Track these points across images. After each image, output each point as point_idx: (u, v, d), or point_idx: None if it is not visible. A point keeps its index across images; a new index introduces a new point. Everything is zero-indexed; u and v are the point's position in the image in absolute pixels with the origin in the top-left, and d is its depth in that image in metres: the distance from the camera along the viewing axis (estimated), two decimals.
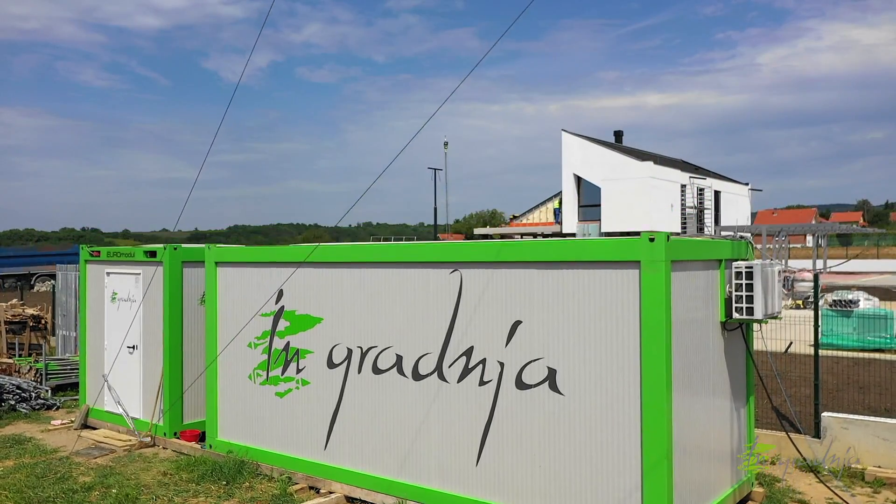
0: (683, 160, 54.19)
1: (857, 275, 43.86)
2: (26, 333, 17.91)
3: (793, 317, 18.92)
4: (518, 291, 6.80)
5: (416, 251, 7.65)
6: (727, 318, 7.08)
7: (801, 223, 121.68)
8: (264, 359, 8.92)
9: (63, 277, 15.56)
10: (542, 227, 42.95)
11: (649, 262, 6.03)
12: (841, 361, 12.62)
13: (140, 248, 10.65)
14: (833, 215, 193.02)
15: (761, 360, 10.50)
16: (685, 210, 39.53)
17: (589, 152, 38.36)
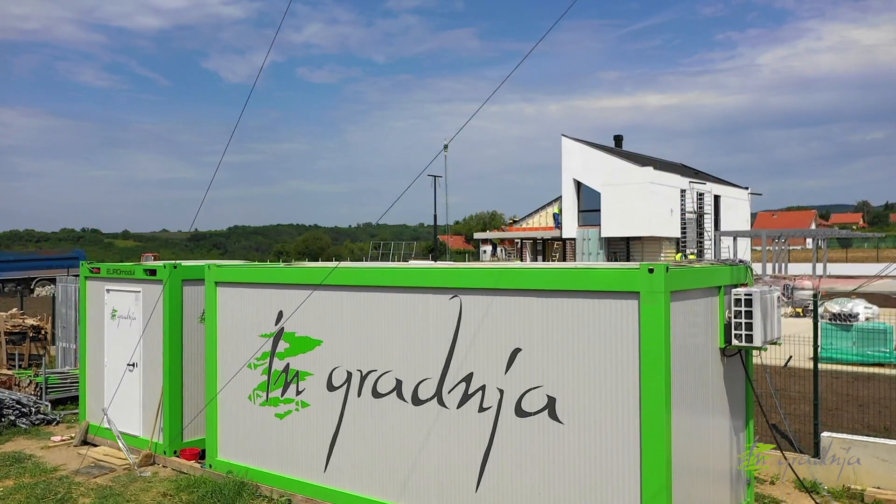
0: (683, 164, 54.21)
1: (857, 279, 43.90)
2: (26, 344, 17.93)
3: (792, 326, 18.97)
4: (518, 319, 6.81)
5: (415, 276, 7.66)
6: (726, 345, 7.09)
7: (801, 227, 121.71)
8: (264, 380, 8.93)
9: (63, 289, 15.57)
10: (541, 231, 42.96)
11: (648, 293, 6.04)
12: (840, 377, 12.63)
13: (140, 266, 10.66)
14: (833, 216, 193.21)
15: (760, 374, 10.52)
16: (685, 215, 39.53)
17: (589, 157, 38.37)
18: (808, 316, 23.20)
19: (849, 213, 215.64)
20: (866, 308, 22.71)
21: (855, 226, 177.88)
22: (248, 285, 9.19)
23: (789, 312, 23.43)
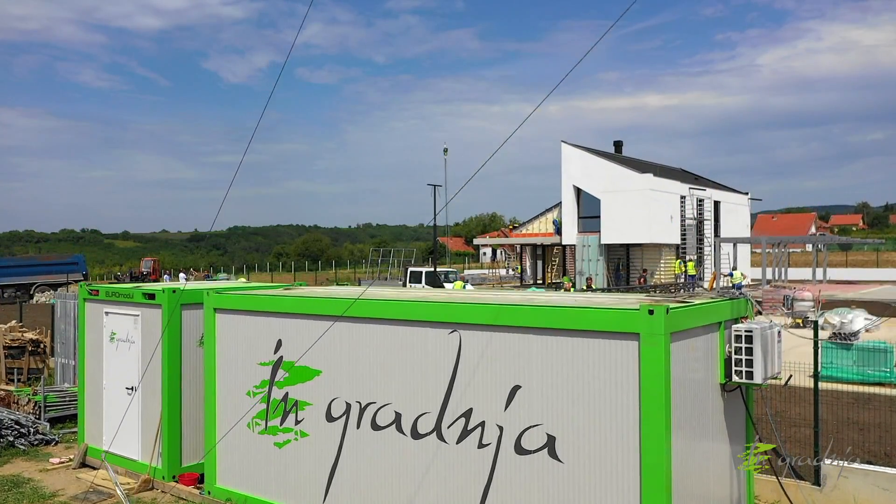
0: (683, 169, 54.20)
1: (857, 285, 43.86)
2: (25, 358, 17.91)
3: (791, 339, 18.88)
4: (517, 356, 6.79)
5: (414, 310, 7.63)
6: (727, 380, 7.07)
7: (801, 229, 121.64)
8: (263, 408, 8.90)
9: (62, 305, 15.54)
10: (541, 237, 42.95)
11: (649, 335, 6.02)
12: (841, 397, 12.60)
13: (139, 290, 10.63)
14: (833, 218, 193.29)
15: (758, 396, 10.48)
16: (685, 221, 39.51)
17: (588, 164, 38.35)
18: (807, 326, 23.17)
19: (849, 213, 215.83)
20: (866, 319, 22.69)
21: (855, 227, 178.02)
22: (246, 313, 9.16)
23: (789, 323, 23.41)
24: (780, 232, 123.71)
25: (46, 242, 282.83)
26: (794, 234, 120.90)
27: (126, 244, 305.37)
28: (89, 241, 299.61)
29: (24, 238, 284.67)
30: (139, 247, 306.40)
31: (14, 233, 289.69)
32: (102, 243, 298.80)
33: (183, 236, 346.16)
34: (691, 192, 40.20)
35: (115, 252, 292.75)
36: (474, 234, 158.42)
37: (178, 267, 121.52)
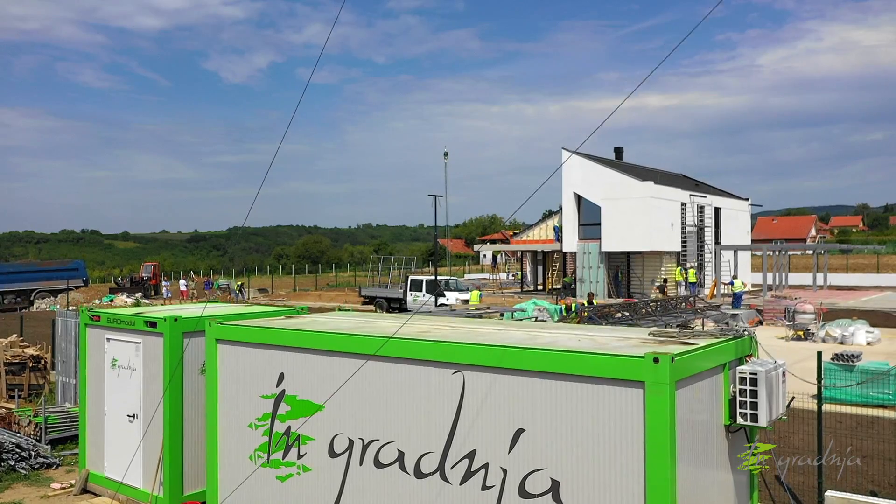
0: (684, 175, 54.18)
1: (858, 291, 43.83)
2: (26, 374, 17.90)
3: (792, 353, 18.80)
4: (521, 398, 6.76)
5: (417, 349, 7.60)
6: (731, 421, 7.04)
7: (801, 232, 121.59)
8: (265, 441, 8.87)
9: (63, 323, 15.52)
10: (542, 244, 42.92)
11: (653, 384, 6.00)
12: (844, 420, 12.58)
13: (140, 318, 10.60)
14: (833, 219, 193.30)
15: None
16: (685, 228, 39.49)
17: (589, 171, 38.33)
18: (809, 339, 23.19)
19: (848, 215, 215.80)
20: (868, 332, 22.73)
21: (855, 228, 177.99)
22: (248, 345, 9.13)
23: (790, 335, 23.41)
24: (780, 234, 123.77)
25: (46, 243, 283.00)
26: (795, 236, 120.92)
27: (126, 245, 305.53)
28: (89, 242, 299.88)
29: (24, 239, 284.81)
30: (139, 247, 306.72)
31: (14, 234, 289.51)
32: (102, 244, 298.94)
33: (183, 237, 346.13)
34: (692, 199, 40.18)
35: (115, 253, 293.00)
36: (474, 235, 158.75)
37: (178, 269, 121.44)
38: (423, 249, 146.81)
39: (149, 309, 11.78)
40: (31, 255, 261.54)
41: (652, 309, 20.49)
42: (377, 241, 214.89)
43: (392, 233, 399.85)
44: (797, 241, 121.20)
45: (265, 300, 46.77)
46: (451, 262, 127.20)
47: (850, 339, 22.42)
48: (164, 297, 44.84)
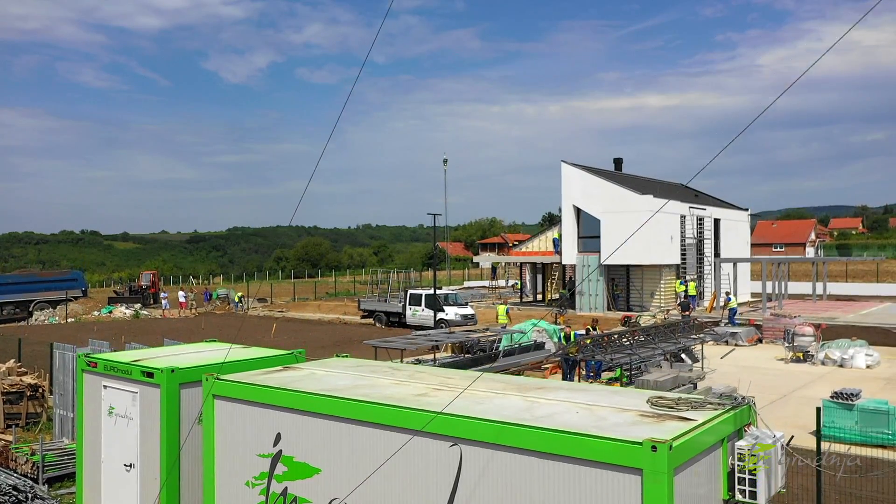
0: (684, 185, 54.17)
1: (858, 302, 43.81)
2: (24, 403, 17.86)
3: (792, 377, 18.74)
4: (518, 476, 6.72)
5: (415, 419, 7.55)
6: (730, 496, 7.01)
7: (801, 235, 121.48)
8: (262, 500, 8.83)
9: (61, 356, 15.50)
10: (541, 256, 42.90)
11: (651, 472, 5.96)
12: (843, 461, 12.53)
13: (137, 367, 10.55)
14: (832, 221, 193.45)
15: None
16: (685, 241, 39.47)
17: (588, 184, 38.31)
18: (808, 361, 23.17)
19: (848, 216, 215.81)
20: (867, 356, 22.70)
21: (855, 231, 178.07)
22: (246, 402, 9.09)
23: (789, 357, 23.37)
24: (779, 238, 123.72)
25: (46, 244, 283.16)
26: (794, 240, 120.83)
27: (126, 245, 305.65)
28: (89, 243, 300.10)
29: (24, 240, 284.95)
30: (139, 248, 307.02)
31: (13, 234, 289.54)
32: (102, 245, 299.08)
33: (183, 237, 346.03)
34: (691, 211, 40.15)
35: (114, 254, 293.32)
36: (474, 238, 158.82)
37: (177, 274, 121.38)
38: (423, 252, 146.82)
39: (146, 354, 11.69)
40: (31, 256, 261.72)
41: (651, 336, 20.45)
42: (377, 242, 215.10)
43: (392, 233, 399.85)
44: (796, 245, 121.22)
45: (264, 310, 46.73)
46: (451, 266, 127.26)
47: (849, 362, 22.40)
48: (164, 308, 44.75)
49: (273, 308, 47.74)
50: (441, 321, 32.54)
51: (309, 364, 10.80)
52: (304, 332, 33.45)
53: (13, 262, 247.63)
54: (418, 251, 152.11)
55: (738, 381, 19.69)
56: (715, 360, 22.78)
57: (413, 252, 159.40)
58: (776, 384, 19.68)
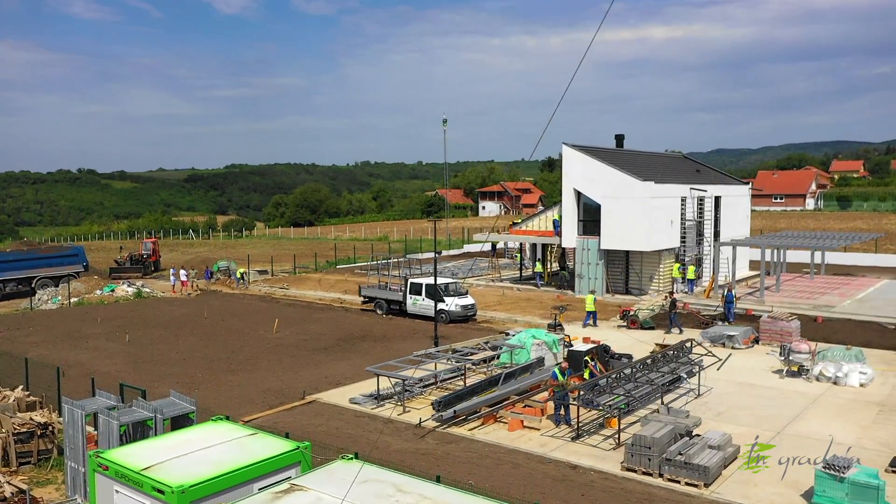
0: (685, 156, 53.78)
1: (855, 281, 44.10)
2: (34, 442, 18.27)
3: (789, 399, 18.83)
4: None
5: None
6: None
7: (802, 186, 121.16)
8: None
9: (69, 413, 15.76)
10: (541, 237, 42.94)
11: None
12: None
13: (148, 481, 10.81)
14: (834, 164, 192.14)
15: None
16: (685, 223, 39.46)
17: (589, 168, 38.05)
18: (803, 375, 23.56)
19: (851, 155, 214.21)
20: (861, 373, 23.08)
21: (856, 174, 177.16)
22: None
23: (785, 370, 23.75)
24: (780, 189, 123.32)
25: (43, 184, 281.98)
26: (795, 191, 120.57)
27: (123, 185, 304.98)
28: (86, 182, 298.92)
29: (21, 179, 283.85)
30: (136, 188, 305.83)
31: (10, 174, 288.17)
32: (99, 184, 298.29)
33: (180, 175, 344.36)
34: (692, 193, 40.02)
35: (112, 193, 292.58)
36: (473, 186, 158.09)
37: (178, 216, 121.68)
38: (423, 201, 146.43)
39: (154, 451, 11.86)
40: (29, 196, 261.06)
41: (642, 367, 20.75)
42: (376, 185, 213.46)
43: (390, 170, 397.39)
44: (797, 197, 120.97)
45: (266, 285, 47.00)
46: (451, 214, 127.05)
47: (843, 380, 22.78)
48: (172, 284, 45.15)
49: (274, 282, 48.01)
50: (441, 311, 32.82)
51: (315, 479, 10.94)
52: (305, 324, 33.74)
53: (11, 203, 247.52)
54: (418, 198, 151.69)
55: (734, 411, 20.05)
56: (711, 371, 23.05)
57: (413, 198, 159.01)
58: (770, 414, 20.03)
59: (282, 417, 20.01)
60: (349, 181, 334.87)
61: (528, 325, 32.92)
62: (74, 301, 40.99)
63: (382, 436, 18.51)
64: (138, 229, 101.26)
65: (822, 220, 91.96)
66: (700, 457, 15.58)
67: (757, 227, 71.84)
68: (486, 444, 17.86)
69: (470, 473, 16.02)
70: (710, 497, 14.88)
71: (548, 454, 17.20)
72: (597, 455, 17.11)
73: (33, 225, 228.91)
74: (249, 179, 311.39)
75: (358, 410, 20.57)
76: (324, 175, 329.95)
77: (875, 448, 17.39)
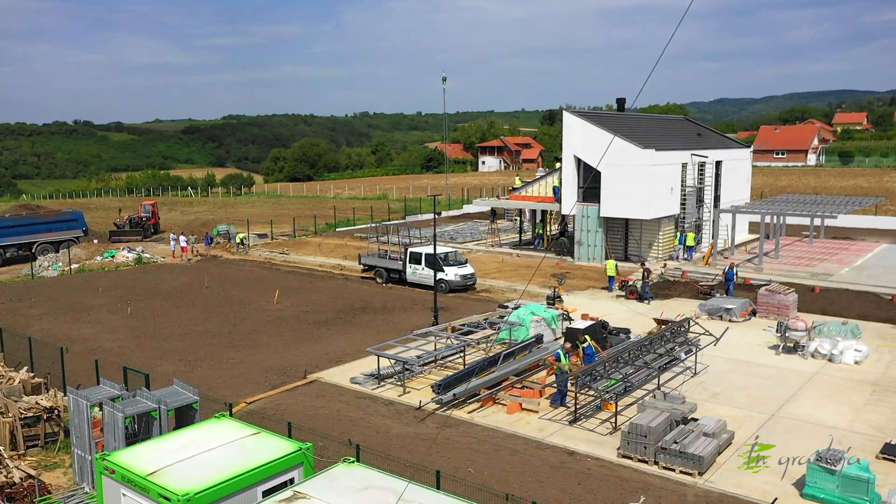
0: (686, 118, 53.28)
1: (854, 246, 44.19)
2: (41, 425, 18.58)
3: (784, 377, 19.18)
4: None
5: None
6: None
7: (805, 141, 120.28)
8: None
9: (75, 403, 15.99)
10: (541, 202, 42.84)
11: None
12: None
13: (155, 487, 11.03)
14: (837, 115, 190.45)
15: None
16: (685, 189, 39.35)
17: (590, 135, 37.76)
18: (798, 352, 23.81)
19: (852, 109, 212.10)
20: (856, 350, 23.34)
21: (859, 126, 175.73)
22: None
23: (781, 346, 23.99)
24: (782, 145, 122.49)
25: (39, 136, 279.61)
26: (797, 146, 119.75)
27: (120, 137, 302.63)
28: (83, 134, 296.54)
29: (17, 131, 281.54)
30: (134, 139, 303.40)
31: (6, 126, 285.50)
32: (96, 136, 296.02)
33: (177, 126, 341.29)
34: (693, 158, 39.81)
35: (109, 145, 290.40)
36: (473, 140, 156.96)
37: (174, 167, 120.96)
38: (422, 154, 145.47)
39: (158, 454, 12.06)
40: (25, 149, 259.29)
41: (639, 350, 20.93)
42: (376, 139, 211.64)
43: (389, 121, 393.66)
44: (798, 152, 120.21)
45: (266, 250, 47.07)
46: (451, 168, 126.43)
47: (838, 357, 23.04)
48: (172, 249, 45.25)
49: (274, 247, 48.07)
50: (441, 281, 32.98)
51: (317, 485, 11.14)
52: (306, 293, 33.90)
53: (7, 156, 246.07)
54: (417, 152, 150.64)
55: (729, 392, 20.30)
56: (708, 346, 23.24)
57: (412, 151, 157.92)
58: (765, 395, 20.31)
59: (284, 399, 20.30)
60: (348, 132, 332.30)
61: (527, 295, 33.14)
62: (75, 268, 41.11)
63: (383, 419, 18.82)
64: (136, 186, 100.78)
65: (823, 177, 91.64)
66: (695, 445, 15.87)
67: (757, 185, 71.60)
68: (485, 429, 18.15)
69: (469, 460, 16.35)
70: (703, 486, 15.21)
71: (545, 439, 17.51)
72: (594, 440, 17.42)
73: (31, 178, 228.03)
74: (247, 131, 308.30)
75: (359, 391, 20.85)
76: (322, 126, 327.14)
77: (867, 433, 17.69)
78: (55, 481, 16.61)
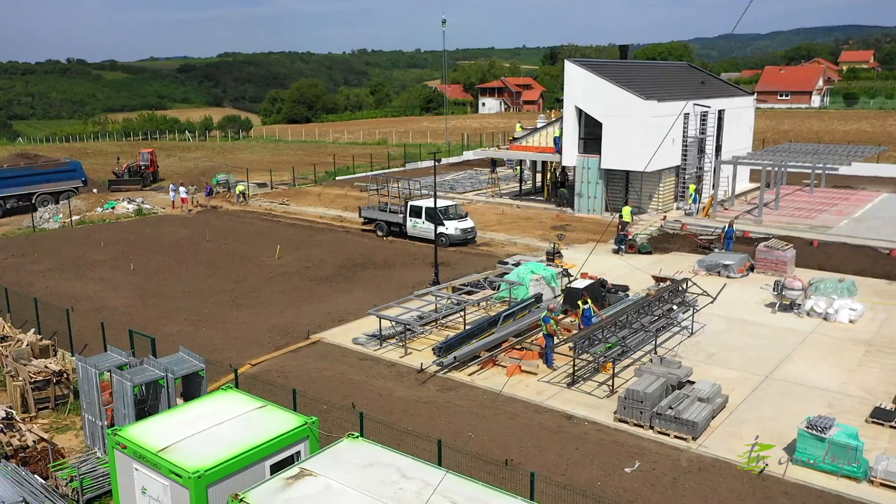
0: (690, 64, 52.43)
1: (854, 196, 44.11)
2: (51, 388, 19.00)
3: (779, 337, 19.31)
4: None
5: None
6: None
7: (810, 82, 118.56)
8: None
9: (83, 370, 16.34)
10: (542, 153, 42.60)
11: None
12: (809, 498, 13.77)
13: (165, 464, 11.40)
14: (843, 54, 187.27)
15: None
16: (686, 140, 39.10)
17: (591, 85, 37.31)
18: (794, 310, 24.12)
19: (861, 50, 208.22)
20: (851, 310, 23.65)
21: (865, 64, 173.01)
22: None
23: (777, 305, 24.30)
24: (786, 86, 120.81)
25: (33, 75, 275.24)
26: (802, 88, 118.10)
27: (114, 76, 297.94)
28: (77, 73, 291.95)
29: (10, 70, 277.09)
30: (128, 78, 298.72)
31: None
32: (90, 75, 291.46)
33: (172, 64, 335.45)
34: (695, 108, 39.43)
35: (104, 85, 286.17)
36: (473, 80, 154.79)
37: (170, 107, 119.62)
38: (422, 95, 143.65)
39: (168, 429, 12.39)
40: (19, 89, 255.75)
41: (634, 315, 21.16)
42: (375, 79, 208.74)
43: (388, 59, 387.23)
44: (803, 94, 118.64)
45: (266, 200, 47.04)
46: (451, 111, 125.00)
47: (833, 316, 23.37)
48: (171, 199, 45.26)
49: (274, 197, 48.02)
50: (441, 235, 33.12)
51: (323, 462, 11.50)
52: (307, 247, 34.07)
53: (1, 95, 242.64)
54: (416, 92, 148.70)
55: (725, 353, 20.65)
56: (707, 309, 23.54)
57: (411, 92, 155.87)
58: (760, 355, 20.66)
59: (287, 361, 20.69)
60: (346, 71, 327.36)
61: (527, 248, 33.34)
62: (76, 220, 41.19)
63: (385, 382, 19.23)
64: (133, 129, 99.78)
65: (826, 120, 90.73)
66: (689, 411, 16.29)
67: (760, 129, 71.01)
68: (485, 392, 18.56)
69: (469, 424, 16.79)
70: (697, 451, 15.68)
71: (544, 402, 17.93)
72: (591, 404, 17.85)
73: (26, 118, 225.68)
74: (244, 69, 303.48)
75: (361, 352, 21.22)
76: (320, 65, 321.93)
77: (858, 395, 18.10)
78: (67, 444, 17.10)
